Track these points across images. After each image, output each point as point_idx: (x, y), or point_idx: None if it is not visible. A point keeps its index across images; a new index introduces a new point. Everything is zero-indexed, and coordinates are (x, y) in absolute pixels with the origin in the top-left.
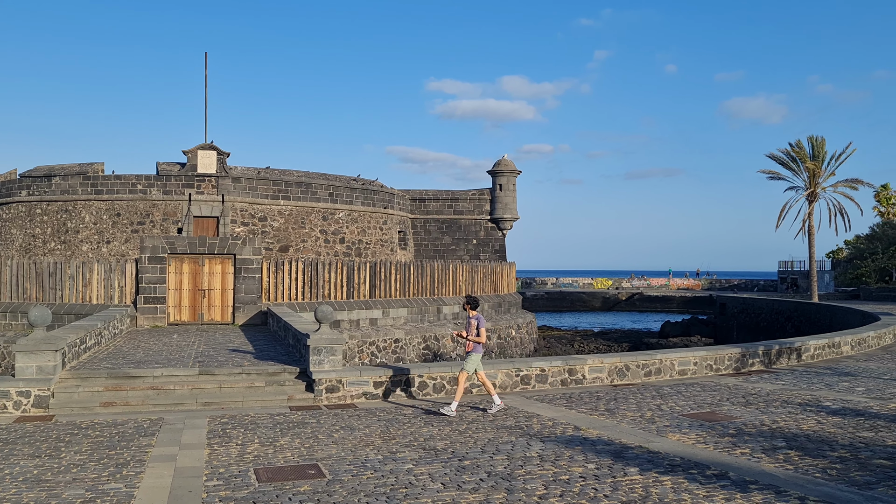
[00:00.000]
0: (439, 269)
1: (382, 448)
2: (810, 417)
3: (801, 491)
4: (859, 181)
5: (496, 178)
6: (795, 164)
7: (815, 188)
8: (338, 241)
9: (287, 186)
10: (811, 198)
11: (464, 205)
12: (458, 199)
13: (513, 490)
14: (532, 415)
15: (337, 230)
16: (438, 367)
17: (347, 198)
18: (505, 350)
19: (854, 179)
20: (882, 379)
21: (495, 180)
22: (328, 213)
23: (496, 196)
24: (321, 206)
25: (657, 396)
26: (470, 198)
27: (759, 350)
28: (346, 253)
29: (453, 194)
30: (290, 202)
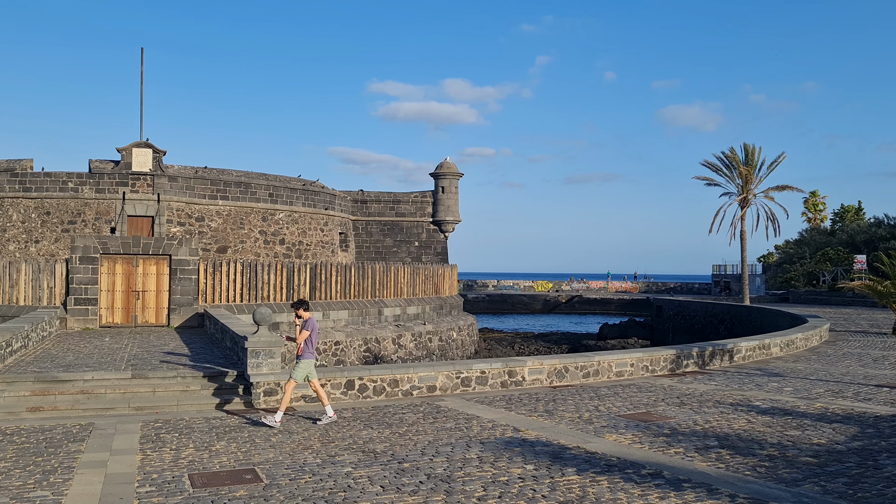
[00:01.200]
0: (381, 271)
1: (321, 452)
2: (741, 417)
3: (731, 489)
4: (789, 187)
5: (438, 180)
6: (729, 171)
7: (748, 194)
8: (278, 243)
9: (226, 186)
10: (744, 203)
11: (406, 207)
12: (401, 201)
13: (452, 492)
14: (472, 416)
15: (277, 231)
16: (379, 369)
17: (288, 198)
18: (446, 352)
19: (784, 186)
20: (809, 379)
21: (437, 183)
22: (268, 213)
23: (438, 198)
24: (261, 207)
25: (595, 397)
26: (412, 200)
27: (693, 352)
28: (287, 254)
29: (395, 196)
30: (228, 202)
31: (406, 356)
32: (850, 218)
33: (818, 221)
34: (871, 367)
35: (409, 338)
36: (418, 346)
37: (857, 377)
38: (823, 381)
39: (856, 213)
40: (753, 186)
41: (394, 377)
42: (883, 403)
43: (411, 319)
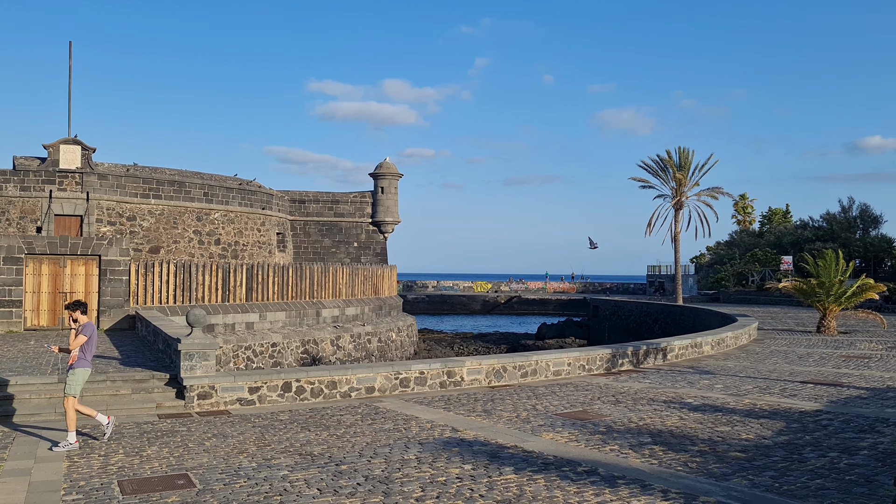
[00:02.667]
0: (319, 271)
1: (257, 455)
2: (674, 414)
3: (664, 484)
4: (720, 190)
5: (378, 180)
6: (664, 174)
7: (681, 196)
8: (213, 243)
9: (158, 185)
10: (677, 206)
11: (345, 207)
12: (340, 201)
13: (390, 493)
14: (411, 417)
15: (212, 231)
16: (317, 371)
17: (223, 198)
18: (385, 353)
19: (716, 189)
20: (738, 376)
21: (377, 183)
22: (203, 213)
23: (378, 199)
24: (195, 206)
25: (533, 397)
26: (351, 200)
27: (628, 351)
28: (222, 255)
29: (334, 196)
30: (161, 201)
31: (345, 357)
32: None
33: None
34: (797, 364)
35: (347, 339)
36: (357, 348)
37: (784, 374)
38: (752, 378)
39: (783, 215)
40: (687, 189)
41: (332, 379)
42: (807, 399)
43: (350, 320)
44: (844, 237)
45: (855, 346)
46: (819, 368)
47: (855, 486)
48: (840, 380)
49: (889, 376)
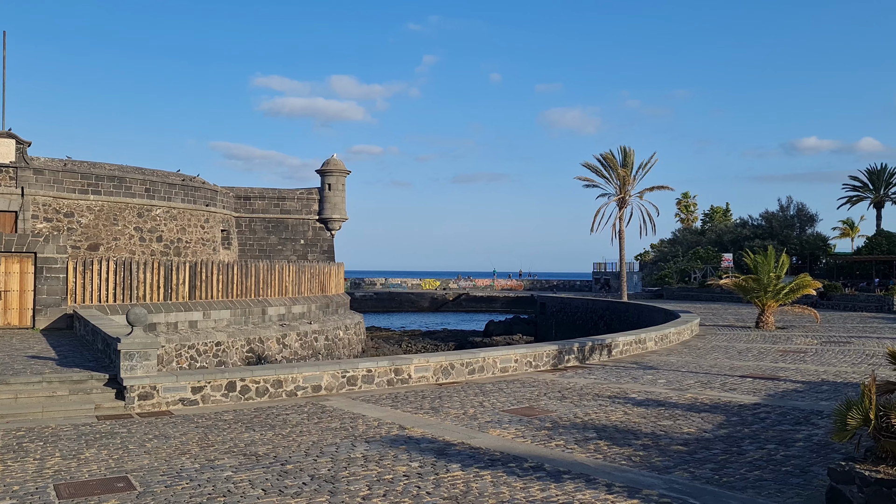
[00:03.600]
0: (265, 269)
1: (200, 456)
2: (618, 409)
3: (608, 478)
4: (664, 188)
5: (325, 177)
6: (608, 172)
7: (626, 195)
8: (155, 240)
9: (98, 180)
10: (621, 204)
11: (291, 204)
12: (286, 197)
13: (336, 492)
14: (358, 416)
15: (154, 228)
16: (262, 369)
17: (166, 194)
18: (332, 351)
19: (659, 187)
20: (680, 371)
21: (324, 180)
22: (144, 209)
23: (325, 196)
24: (136, 203)
25: (480, 393)
26: (298, 197)
27: (574, 347)
28: (164, 252)
29: (280, 193)
30: (101, 197)
31: (291, 356)
32: (719, 218)
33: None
34: (737, 358)
35: (294, 337)
36: (304, 346)
37: (724, 368)
38: (694, 372)
39: (723, 213)
40: (630, 187)
41: (277, 378)
42: (746, 393)
43: (297, 318)
44: (782, 235)
45: (792, 340)
46: (758, 363)
47: (791, 477)
48: (777, 374)
49: (823, 370)
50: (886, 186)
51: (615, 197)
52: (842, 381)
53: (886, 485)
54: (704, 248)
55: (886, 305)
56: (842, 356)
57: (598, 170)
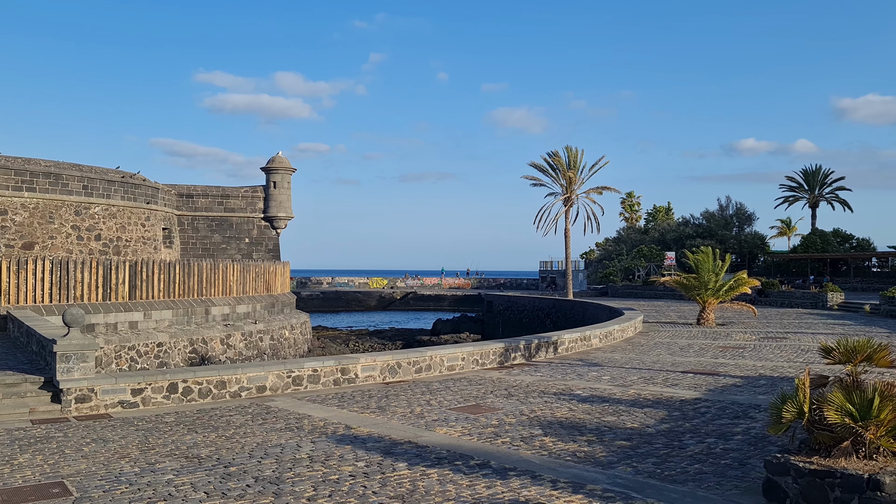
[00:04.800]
0: (208, 268)
1: (140, 459)
2: (563, 406)
3: (553, 474)
4: (609, 188)
5: (270, 175)
6: (554, 172)
7: (571, 194)
8: (93, 239)
9: (32, 177)
10: (567, 203)
11: (236, 202)
12: (230, 195)
13: (281, 494)
14: (303, 416)
15: (92, 226)
16: (205, 370)
17: (105, 191)
18: (278, 351)
19: (604, 187)
20: (624, 368)
21: (269, 178)
22: (82, 207)
23: (270, 194)
24: (73, 200)
25: (427, 392)
26: (242, 195)
27: (520, 345)
28: (103, 251)
29: (224, 191)
30: (35, 194)
31: (236, 356)
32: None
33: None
34: (678, 355)
35: (238, 337)
36: (248, 346)
37: (666, 365)
38: (637, 369)
39: (666, 213)
40: (576, 187)
41: (221, 378)
42: (687, 388)
43: (241, 318)
44: (722, 234)
45: (731, 336)
46: (698, 359)
47: (730, 470)
48: (717, 369)
49: (761, 365)
50: (821, 187)
51: (561, 196)
52: (778, 376)
53: (819, 475)
54: (648, 247)
55: (821, 302)
56: (779, 351)
57: (545, 169)
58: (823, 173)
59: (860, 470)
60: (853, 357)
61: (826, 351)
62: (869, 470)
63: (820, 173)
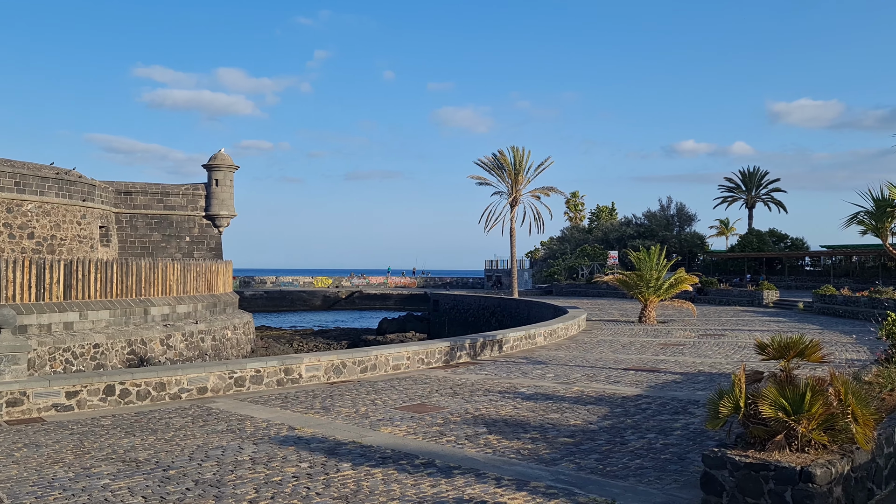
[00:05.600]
0: (147, 267)
1: (75, 464)
2: (508, 403)
3: (497, 472)
4: (554, 189)
5: (212, 172)
6: (500, 172)
7: (517, 194)
8: (25, 237)
9: None
10: (513, 202)
11: (176, 200)
12: (170, 193)
13: (222, 497)
14: (245, 417)
15: (24, 224)
16: (143, 372)
17: (38, 188)
18: (220, 352)
19: (549, 187)
20: (568, 366)
21: (211, 175)
22: (14, 204)
23: (212, 192)
24: (5, 197)
25: (372, 392)
26: (183, 192)
27: (465, 343)
28: (36, 250)
29: (164, 188)
30: None
31: (176, 357)
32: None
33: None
34: (621, 352)
35: (179, 338)
36: (189, 347)
37: (609, 362)
38: (580, 366)
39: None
40: (522, 187)
41: (160, 380)
42: (629, 385)
43: (182, 318)
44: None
45: (671, 334)
46: (640, 356)
47: (669, 465)
48: (658, 366)
49: (700, 361)
50: (757, 188)
51: (507, 196)
52: (717, 372)
53: (754, 468)
54: (592, 246)
55: (757, 300)
56: (717, 348)
57: (491, 169)
58: (760, 175)
59: (793, 462)
60: (786, 353)
61: (761, 347)
62: (801, 462)
63: (756, 175)
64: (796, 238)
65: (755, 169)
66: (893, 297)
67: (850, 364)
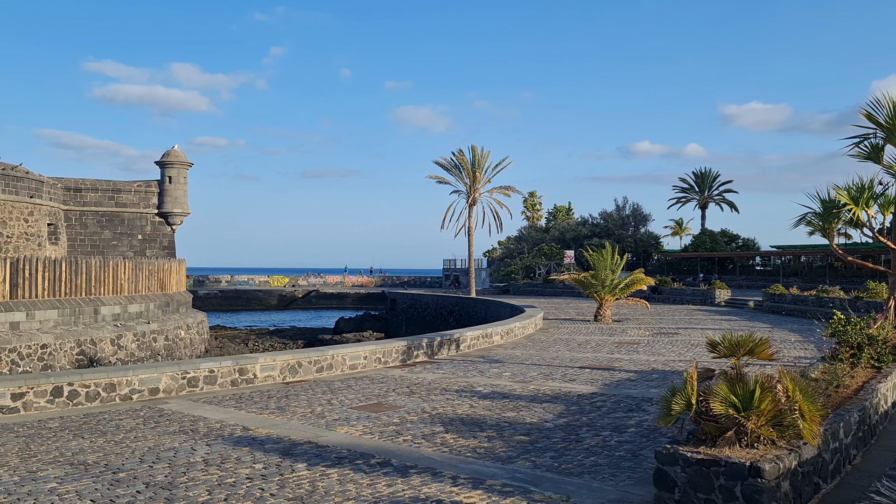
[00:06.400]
0: (97, 266)
1: (20, 468)
2: (465, 402)
3: (454, 471)
4: (512, 188)
5: (165, 169)
6: (459, 171)
7: (475, 193)
8: None
9: None
10: (472, 202)
11: (128, 197)
12: (122, 190)
13: (173, 499)
14: (199, 418)
15: None
16: (93, 373)
17: None
18: (173, 352)
19: (508, 187)
20: (525, 364)
21: (164, 172)
22: None
23: (165, 189)
24: None
25: (328, 391)
26: (135, 189)
27: (423, 342)
28: None
29: (116, 185)
30: None
31: (127, 358)
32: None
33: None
34: (577, 350)
35: (130, 338)
36: (141, 347)
37: (565, 360)
38: (537, 365)
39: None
40: (480, 186)
41: (111, 381)
42: (585, 383)
43: (133, 318)
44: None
45: (626, 332)
46: (595, 354)
47: (623, 461)
48: (613, 364)
49: (654, 359)
50: (710, 189)
51: (466, 195)
52: (670, 370)
53: (705, 464)
54: (549, 246)
55: (709, 299)
56: (670, 346)
57: (449, 168)
58: (712, 176)
59: (743, 458)
60: (737, 351)
61: (712, 345)
62: (751, 458)
63: (709, 176)
64: (747, 238)
65: (708, 170)
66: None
67: (798, 362)
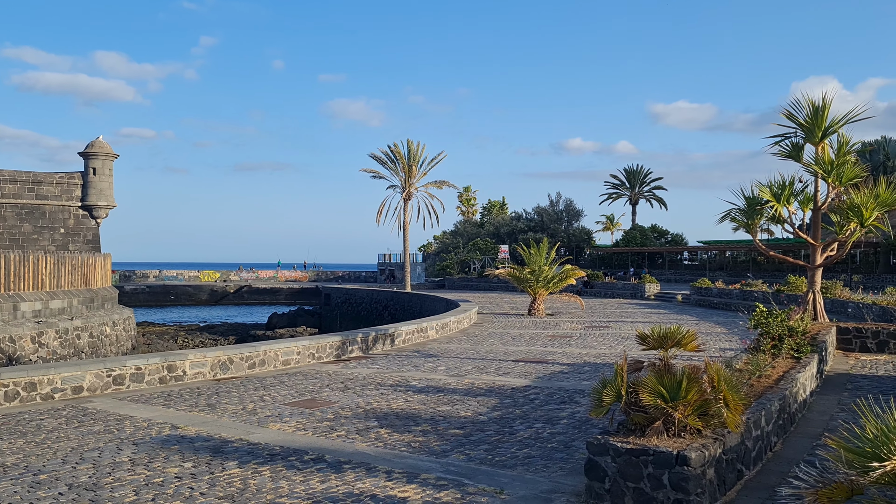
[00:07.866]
0: (17, 260)
1: None
2: (399, 397)
3: (388, 465)
4: (447, 183)
5: (89, 160)
6: (394, 165)
7: (411, 187)
8: None
9: None
10: (407, 196)
11: (49, 189)
12: (43, 182)
13: (98, 500)
14: (125, 417)
15: None
16: (11, 371)
17: None
18: (98, 349)
19: (443, 181)
20: (459, 358)
21: (88, 163)
22: None
23: (89, 181)
24: None
25: (261, 388)
26: (57, 181)
27: (357, 337)
28: None
29: (36, 176)
30: None
31: (49, 356)
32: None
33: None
34: (511, 344)
35: (52, 335)
36: (64, 345)
37: (499, 354)
38: (471, 359)
39: (501, 207)
40: (416, 180)
41: (31, 379)
42: (518, 376)
43: (55, 315)
44: (553, 228)
45: (559, 326)
46: (529, 348)
47: (556, 453)
48: (546, 357)
49: (586, 352)
50: (641, 185)
51: (401, 189)
52: (601, 362)
53: (635, 454)
54: (483, 240)
55: (640, 292)
56: (602, 339)
57: (384, 162)
58: (643, 173)
59: (670, 447)
60: (665, 343)
61: (642, 338)
62: (677, 447)
63: (640, 173)
64: (676, 234)
65: (639, 167)
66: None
67: (723, 353)
